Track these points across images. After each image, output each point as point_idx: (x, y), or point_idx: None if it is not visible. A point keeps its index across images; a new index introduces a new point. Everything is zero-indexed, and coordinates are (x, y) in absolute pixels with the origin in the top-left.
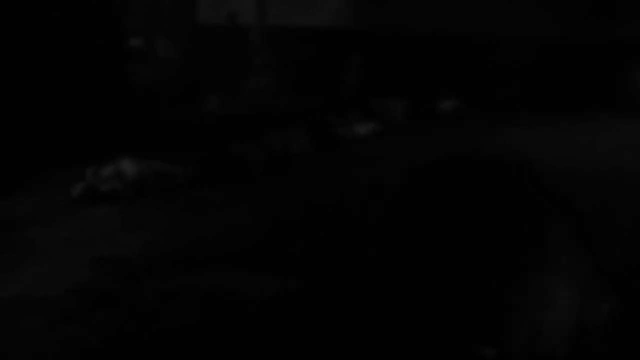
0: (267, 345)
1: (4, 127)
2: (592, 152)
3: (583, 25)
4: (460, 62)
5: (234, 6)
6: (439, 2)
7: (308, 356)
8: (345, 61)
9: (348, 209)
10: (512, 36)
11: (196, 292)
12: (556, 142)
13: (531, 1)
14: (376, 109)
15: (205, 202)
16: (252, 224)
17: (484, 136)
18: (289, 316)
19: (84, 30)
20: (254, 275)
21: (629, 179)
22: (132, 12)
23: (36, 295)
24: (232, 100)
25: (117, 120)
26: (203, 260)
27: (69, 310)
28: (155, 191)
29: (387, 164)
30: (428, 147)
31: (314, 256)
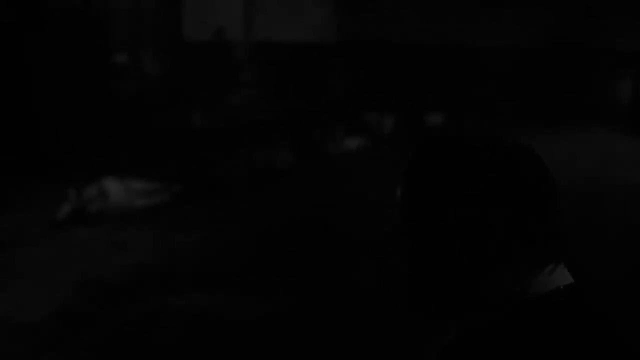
0: None
1: None
2: (571, 164)
3: (565, 34)
4: (443, 74)
5: (219, 22)
6: (421, 16)
7: None
8: (328, 75)
9: (334, 224)
10: (493, 46)
11: (181, 316)
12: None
13: (514, 11)
14: (364, 123)
15: (190, 220)
16: (237, 241)
17: None
18: (276, 340)
19: (67, 46)
20: (240, 295)
21: (610, 192)
22: (118, 29)
23: (18, 320)
24: (217, 115)
25: (100, 136)
26: (188, 280)
27: (51, 337)
28: (140, 210)
29: (374, 180)
30: None
31: (300, 274)
